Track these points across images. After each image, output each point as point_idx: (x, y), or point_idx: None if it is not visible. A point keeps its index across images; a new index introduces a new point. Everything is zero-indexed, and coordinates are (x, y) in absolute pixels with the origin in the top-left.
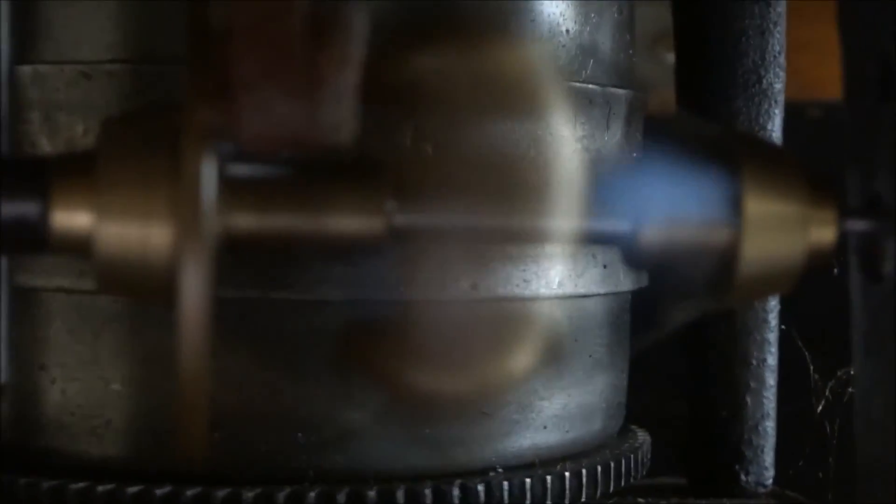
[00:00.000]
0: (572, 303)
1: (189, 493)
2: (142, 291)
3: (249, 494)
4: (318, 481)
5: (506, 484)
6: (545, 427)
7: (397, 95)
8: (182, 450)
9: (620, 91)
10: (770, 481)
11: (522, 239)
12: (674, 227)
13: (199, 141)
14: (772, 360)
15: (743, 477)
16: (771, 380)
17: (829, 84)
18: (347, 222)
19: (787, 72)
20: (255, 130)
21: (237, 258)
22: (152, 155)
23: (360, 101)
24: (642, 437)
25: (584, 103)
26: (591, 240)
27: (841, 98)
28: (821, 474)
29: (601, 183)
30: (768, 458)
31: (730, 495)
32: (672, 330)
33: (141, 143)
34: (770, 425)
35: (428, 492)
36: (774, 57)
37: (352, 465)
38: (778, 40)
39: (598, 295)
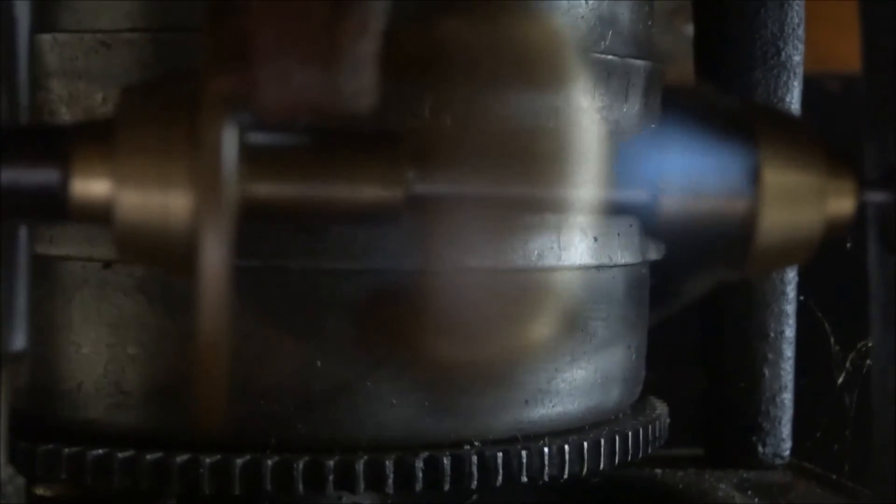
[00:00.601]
0: (591, 273)
1: (208, 460)
2: (161, 259)
3: (269, 462)
4: (338, 450)
5: (524, 453)
6: (563, 396)
7: (416, 66)
8: (201, 418)
9: (639, 62)
10: (787, 453)
11: (541, 209)
12: (692, 198)
13: (218, 109)
14: (789, 331)
15: (760, 448)
16: (788, 352)
17: (848, 56)
18: (366, 191)
19: (806, 44)
20: (273, 98)
21: (256, 227)
22: (172, 123)
23: (380, 72)
24: (660, 407)
25: (603, 74)
26: (610, 210)
27: (860, 70)
28: (837, 446)
29: (620, 153)
30: (786, 429)
31: (747, 467)
32: (689, 301)
33: (160, 110)
34: (787, 397)
35: (447, 460)
36: (793, 29)
37: (371, 434)
38: (797, 12)
39: (617, 266)
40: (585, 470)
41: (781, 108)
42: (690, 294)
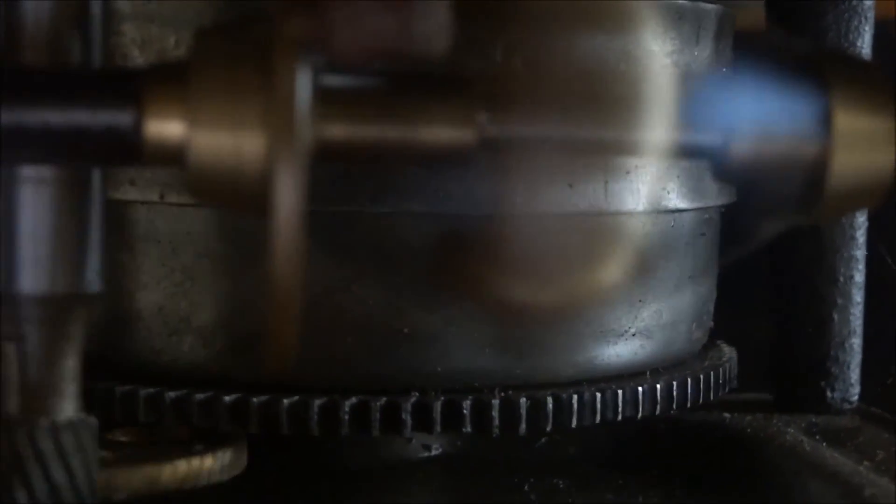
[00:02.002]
0: (661, 217)
1: (286, 401)
2: (234, 201)
3: (346, 403)
4: (412, 391)
5: (598, 395)
6: (633, 340)
7: (488, 8)
8: (274, 360)
9: (710, 6)
10: (856, 398)
11: (613, 152)
12: (764, 141)
13: (292, 51)
14: (859, 276)
15: (829, 393)
16: (858, 297)
17: None
18: (439, 133)
19: None
20: (347, 40)
21: (328, 170)
22: (246, 65)
23: (452, 16)
24: (729, 352)
25: (674, 18)
26: (682, 153)
27: None
28: None
29: (691, 97)
30: (854, 374)
31: (815, 412)
32: (759, 246)
33: (234, 53)
34: (856, 342)
35: (523, 401)
36: None
37: (445, 376)
38: None
39: (688, 210)
40: (657, 412)
41: (852, 52)
42: (760, 239)
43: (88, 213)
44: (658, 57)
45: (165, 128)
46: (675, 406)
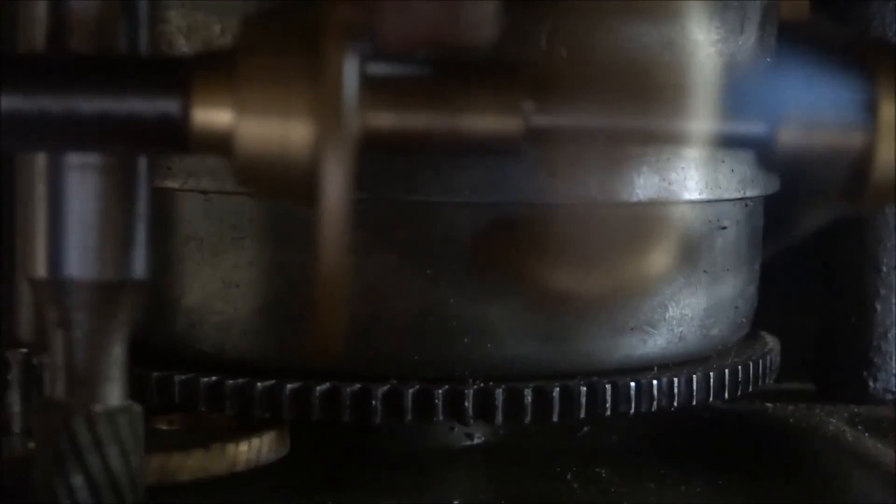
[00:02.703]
0: (705, 207)
1: (319, 388)
2: (282, 189)
3: (379, 390)
4: (449, 379)
5: (633, 384)
6: (675, 329)
7: None
8: (318, 347)
9: None
10: None
11: (658, 141)
12: (808, 131)
13: (340, 39)
14: None
15: (871, 384)
16: None
17: None
18: (485, 122)
19: None
20: (395, 29)
21: (375, 159)
22: (293, 53)
23: (500, 4)
24: (771, 342)
25: (719, 7)
26: (727, 143)
27: None
28: None
29: (736, 86)
30: None
31: (857, 402)
32: (803, 235)
33: (281, 40)
34: None
35: (556, 391)
36: None
37: (483, 365)
38: None
39: (732, 199)
40: (695, 402)
41: None
42: (804, 228)
43: (135, 200)
44: (703, 46)
45: (212, 116)
46: (715, 396)
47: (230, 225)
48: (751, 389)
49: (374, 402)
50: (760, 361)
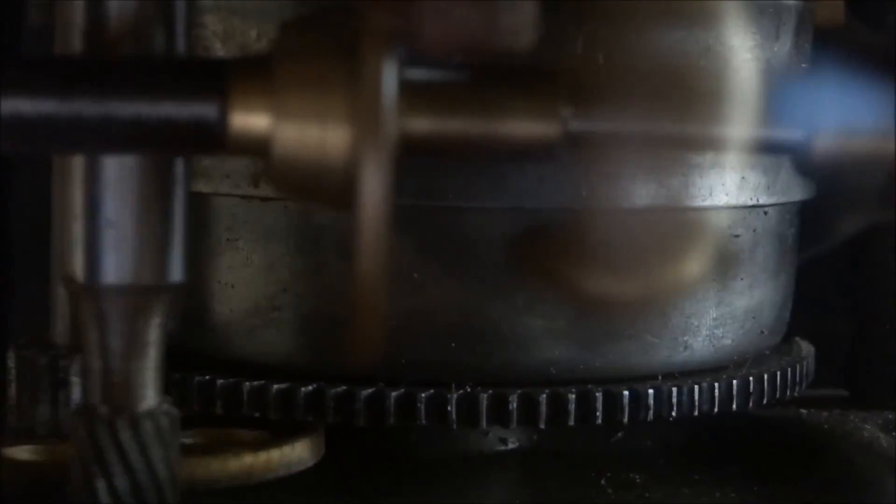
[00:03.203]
0: (742, 212)
1: (364, 392)
2: (318, 194)
3: (423, 395)
4: (489, 384)
5: (674, 390)
6: (712, 334)
7: (570, 3)
8: (356, 352)
9: (790, 2)
10: None
11: (695, 147)
12: (846, 137)
13: (378, 44)
14: None
15: None
16: None
17: None
18: (523, 127)
19: None
20: (433, 33)
21: (411, 164)
22: (331, 57)
23: (538, 10)
24: (806, 348)
25: (755, 13)
26: (764, 148)
27: None
28: None
29: (773, 92)
30: None
31: (892, 408)
32: (839, 241)
33: (319, 45)
34: None
35: (598, 395)
36: None
37: (521, 369)
38: None
39: (769, 205)
40: (734, 407)
41: None
42: (840, 234)
43: (172, 203)
44: (739, 52)
45: (250, 120)
46: (752, 402)
47: (265, 228)
48: (788, 395)
49: (418, 406)
50: (796, 367)
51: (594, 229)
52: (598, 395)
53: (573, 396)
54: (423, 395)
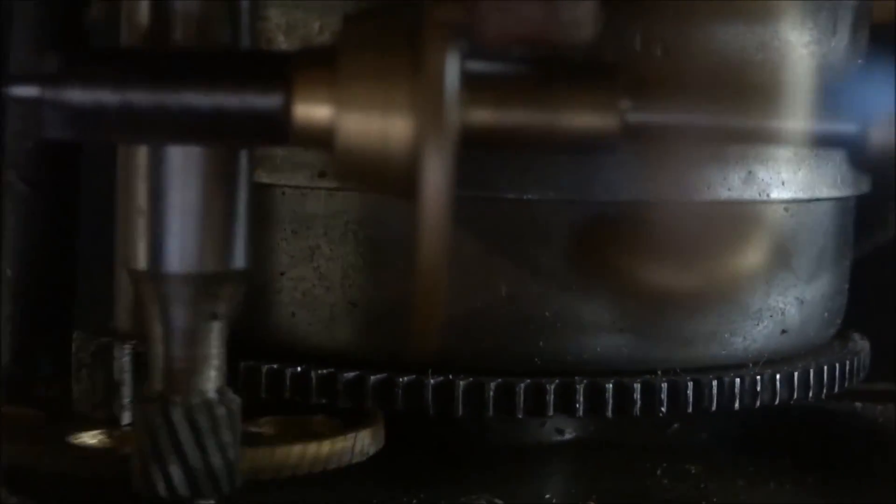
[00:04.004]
0: (799, 206)
1: (432, 381)
2: (381, 184)
3: (492, 384)
4: (552, 374)
5: (737, 381)
6: (769, 326)
7: None
8: (418, 342)
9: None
10: None
11: (751, 140)
12: None
13: (441, 36)
14: None
15: None
16: None
17: None
18: (583, 120)
19: None
20: (495, 27)
21: (470, 156)
22: (393, 49)
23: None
24: (861, 342)
25: (812, 9)
26: (820, 142)
27: None
28: None
29: (828, 87)
30: None
31: None
32: (891, 235)
33: (382, 37)
34: None
35: (663, 386)
36: None
37: (583, 359)
38: None
39: (824, 199)
40: (793, 399)
41: None
42: (892, 229)
43: (236, 192)
44: (795, 47)
45: (313, 110)
46: (811, 394)
47: (326, 217)
48: (843, 388)
49: (487, 397)
50: (852, 360)
51: (657, 222)
52: (664, 385)
53: (638, 387)
54: (491, 384)
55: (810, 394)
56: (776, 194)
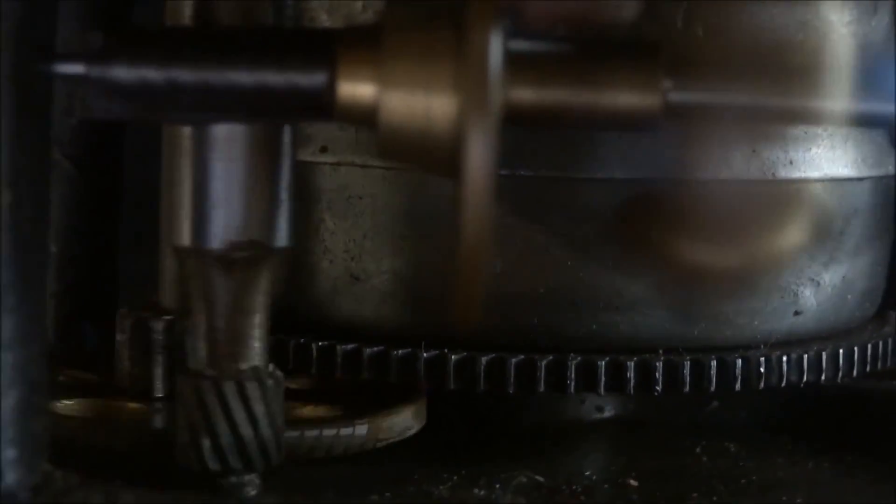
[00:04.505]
0: (840, 185)
1: (455, 357)
2: (424, 162)
3: (542, 362)
4: (594, 351)
5: (762, 359)
6: (807, 305)
7: None
8: (459, 318)
9: None
10: None
11: (793, 120)
12: None
13: (485, 14)
14: None
15: None
16: None
17: None
18: (624, 98)
19: None
20: (538, 6)
21: (520, 134)
22: (437, 28)
23: None
24: None
25: None
26: (861, 122)
27: None
28: None
29: (869, 67)
30: None
31: None
32: None
33: (426, 17)
34: None
35: (686, 364)
36: None
37: (625, 336)
38: None
39: (864, 178)
40: (823, 379)
41: None
42: None
43: (279, 169)
44: (836, 27)
45: (357, 88)
46: (841, 374)
47: (367, 195)
48: (881, 367)
49: (538, 373)
50: (889, 340)
51: (695, 200)
52: (713, 362)
53: (688, 363)
54: (542, 362)
55: (855, 372)
56: (816, 173)
